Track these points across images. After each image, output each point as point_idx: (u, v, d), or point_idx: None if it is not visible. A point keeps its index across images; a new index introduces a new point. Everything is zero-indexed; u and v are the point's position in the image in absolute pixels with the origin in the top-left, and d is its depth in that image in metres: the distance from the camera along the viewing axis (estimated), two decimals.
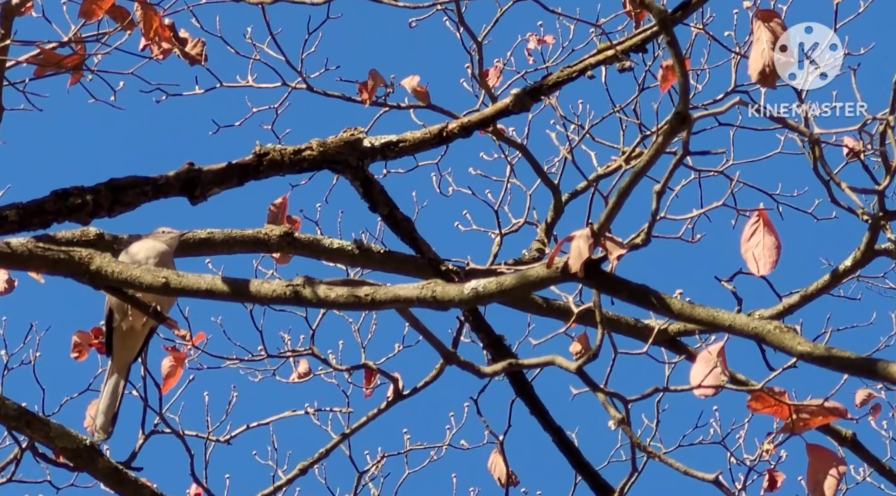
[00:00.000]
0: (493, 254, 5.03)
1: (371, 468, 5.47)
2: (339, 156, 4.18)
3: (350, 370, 5.14)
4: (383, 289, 3.36)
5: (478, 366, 3.59)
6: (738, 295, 3.77)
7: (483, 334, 4.28)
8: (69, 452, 4.48)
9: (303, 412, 5.26)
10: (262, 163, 4.17)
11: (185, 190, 4.08)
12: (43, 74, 3.98)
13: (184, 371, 4.73)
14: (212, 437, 5.18)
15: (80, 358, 4.59)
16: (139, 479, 4.59)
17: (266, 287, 3.42)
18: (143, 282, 3.40)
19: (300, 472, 5.05)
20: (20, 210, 3.88)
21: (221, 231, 4.45)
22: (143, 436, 4.76)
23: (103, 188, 3.99)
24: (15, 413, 4.42)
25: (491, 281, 3.28)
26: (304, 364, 5.26)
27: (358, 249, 4.53)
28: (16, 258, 3.29)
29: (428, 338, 3.58)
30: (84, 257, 3.39)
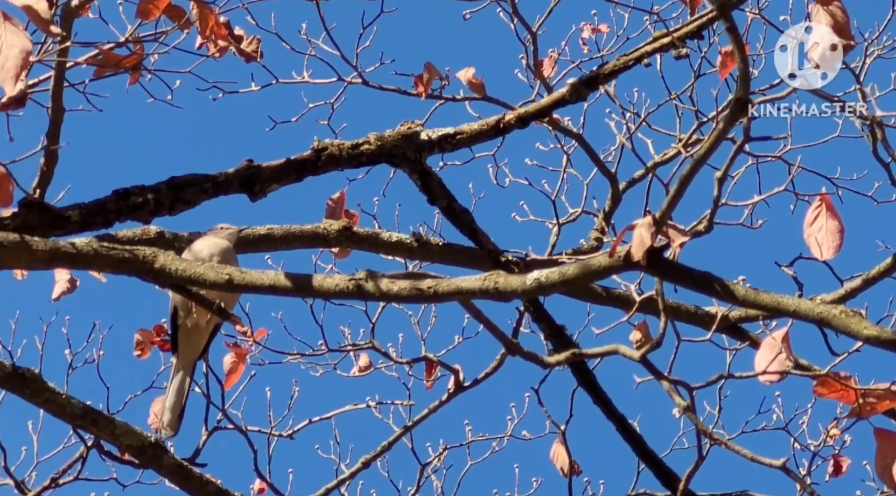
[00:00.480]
0: (550, 245, 5.02)
1: (433, 460, 5.47)
2: (396, 149, 4.19)
3: (411, 363, 5.15)
4: (446, 282, 3.36)
5: (540, 357, 3.59)
6: (799, 280, 3.75)
7: (544, 324, 4.28)
8: (134, 450, 4.52)
9: (364, 405, 5.27)
10: (320, 158, 4.18)
11: (245, 186, 4.10)
12: (102, 75, 4.00)
13: (246, 367, 4.75)
14: (274, 432, 5.20)
15: (143, 356, 4.61)
16: (204, 475, 4.62)
17: (329, 282, 3.43)
18: (206, 280, 3.42)
19: (363, 466, 5.06)
20: (82, 210, 3.91)
21: (280, 227, 4.46)
22: (207, 433, 4.79)
23: (164, 187, 4.01)
24: (80, 411, 4.46)
25: (553, 271, 3.27)
26: (364, 357, 5.27)
27: (416, 242, 4.53)
28: (81, 258, 3.31)
29: (490, 329, 3.58)
30: (148, 256, 3.41)
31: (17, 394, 4.41)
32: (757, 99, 3.40)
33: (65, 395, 4.43)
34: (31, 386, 4.37)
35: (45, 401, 4.41)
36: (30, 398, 4.40)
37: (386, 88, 4.96)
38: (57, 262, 3.36)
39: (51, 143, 3.88)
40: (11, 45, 3.33)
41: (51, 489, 4.92)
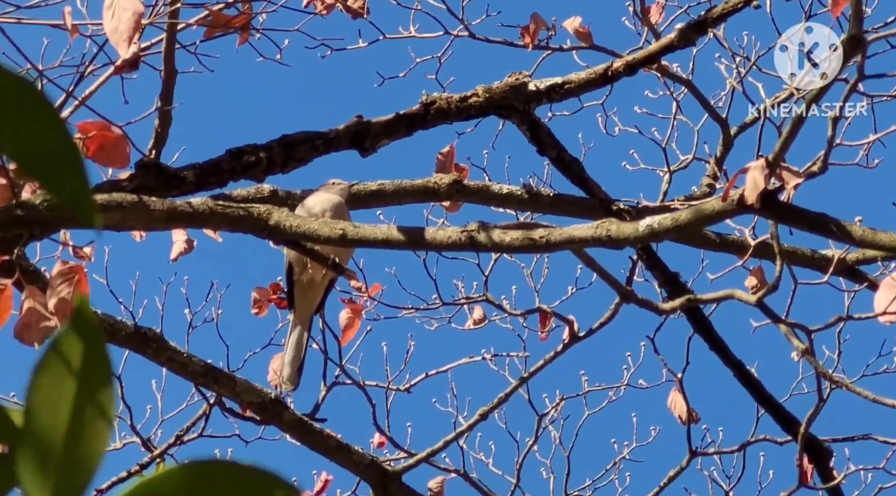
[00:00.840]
0: (662, 193, 4.99)
1: (550, 411, 5.48)
2: (505, 101, 4.19)
3: (525, 314, 5.15)
4: (558, 231, 3.35)
5: (655, 304, 3.57)
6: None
7: (658, 272, 4.26)
8: (255, 406, 4.58)
9: (480, 358, 5.29)
10: (429, 112, 4.19)
11: (355, 142, 4.13)
12: (212, 36, 4.04)
13: (361, 322, 4.79)
14: (392, 387, 5.24)
15: (260, 313, 4.67)
16: (324, 430, 4.68)
17: (441, 234, 3.44)
18: (321, 235, 3.44)
19: (480, 418, 5.08)
20: (197, 170, 3.97)
21: (391, 182, 4.48)
22: (325, 388, 4.84)
23: (276, 145, 4.05)
24: (202, 370, 4.53)
25: (666, 217, 3.25)
26: (478, 310, 5.28)
27: (527, 194, 4.53)
28: (197, 216, 3.35)
29: (604, 277, 3.57)
30: (263, 213, 3.45)
31: (141, 353, 4.49)
32: (870, 37, 3.34)
33: (186, 354, 4.50)
34: (153, 345, 4.45)
35: (167, 360, 4.49)
36: (153, 357, 4.48)
37: (492, 41, 4.95)
38: (174, 222, 3.41)
39: (164, 105, 3.93)
40: (124, 7, 3.38)
41: (176, 446, 5.00)
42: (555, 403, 5.50)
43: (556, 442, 5.60)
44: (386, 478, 4.77)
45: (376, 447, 5.32)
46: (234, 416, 4.85)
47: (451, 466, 5.24)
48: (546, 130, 4.23)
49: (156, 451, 4.98)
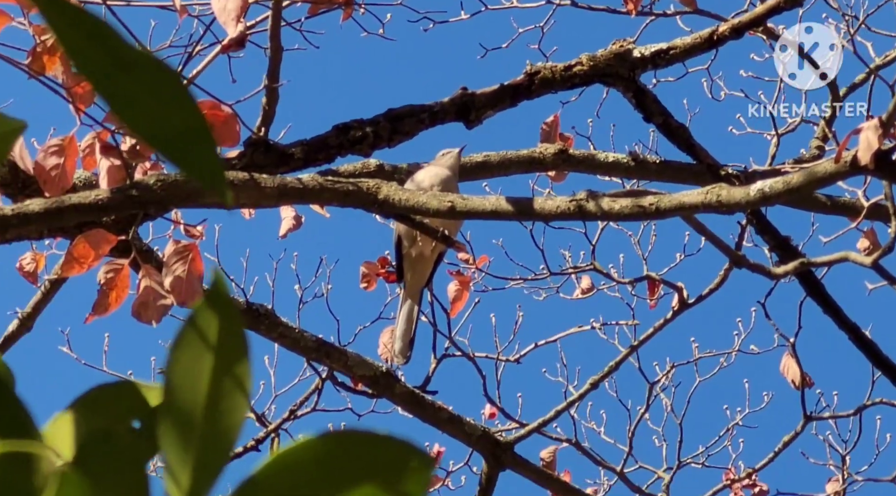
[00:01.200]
0: (770, 156, 4.94)
1: (661, 378, 5.46)
2: (609, 69, 4.17)
3: (633, 282, 5.14)
4: (667, 198, 3.33)
5: (767, 268, 3.54)
6: None
7: (768, 237, 4.22)
8: (367, 379, 4.61)
9: (589, 327, 5.28)
10: (533, 82, 4.18)
11: (461, 115, 4.13)
12: (316, 12, 4.06)
13: (469, 294, 4.81)
14: (501, 358, 5.25)
15: (369, 288, 4.69)
16: (435, 402, 4.70)
17: (549, 204, 3.44)
18: (429, 208, 3.45)
19: (591, 387, 5.08)
20: (305, 146, 3.99)
21: (496, 153, 4.48)
22: (436, 360, 4.86)
23: (382, 119, 4.07)
24: (314, 345, 4.57)
25: (777, 180, 3.22)
26: (586, 279, 5.27)
27: (633, 161, 4.50)
28: (308, 192, 3.38)
29: (715, 243, 3.54)
30: (372, 187, 3.47)
31: (253, 330, 4.54)
32: None
33: (298, 330, 4.54)
34: (265, 322, 4.50)
35: (279, 336, 4.53)
36: (265, 334, 4.52)
37: (595, 8, 4.92)
38: (285, 198, 3.44)
39: (271, 82, 3.96)
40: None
41: (290, 421, 5.06)
42: (666, 371, 5.48)
43: (668, 409, 5.58)
44: (498, 448, 4.78)
45: (487, 418, 5.34)
46: (347, 390, 4.89)
47: (562, 436, 5.24)
48: (652, 97, 4.20)
49: (270, 426, 5.03)
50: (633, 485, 5.29)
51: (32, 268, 4.32)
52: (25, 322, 4.54)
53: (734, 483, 5.46)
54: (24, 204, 3.21)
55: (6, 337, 4.54)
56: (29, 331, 4.55)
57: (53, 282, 4.46)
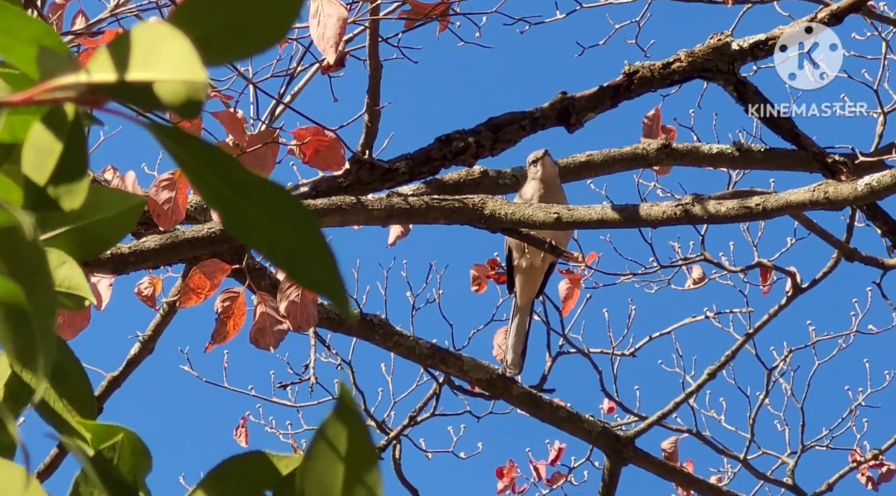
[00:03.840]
0: (877, 135, 4.89)
1: (779, 364, 5.44)
2: (708, 63, 4.15)
3: (744, 270, 5.12)
4: (774, 197, 3.33)
5: (881, 260, 3.52)
6: None
7: (879, 222, 4.18)
8: (484, 383, 4.65)
9: (703, 317, 5.27)
10: (632, 82, 4.18)
11: (561, 119, 4.14)
12: (413, 26, 4.09)
13: (581, 291, 4.82)
14: (616, 352, 5.26)
15: (480, 290, 4.72)
16: (553, 401, 4.72)
17: (655, 210, 3.44)
18: (536, 220, 3.48)
19: (708, 377, 5.07)
20: (409, 161, 4.03)
21: (600, 152, 4.48)
22: (551, 359, 4.89)
23: (483, 128, 4.09)
24: (428, 351, 4.62)
25: (885, 174, 3.20)
26: (697, 270, 5.26)
27: (738, 151, 4.48)
28: (415, 213, 3.42)
29: (825, 237, 3.53)
30: (477, 203, 3.50)
31: (368, 340, 4.59)
32: None
33: (412, 337, 4.59)
34: (379, 331, 4.55)
35: (394, 344, 4.58)
36: (380, 343, 4.57)
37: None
38: (393, 219, 3.48)
39: (372, 102, 4.00)
40: (329, 14, 3.45)
41: (410, 427, 5.11)
42: (783, 356, 5.45)
43: (788, 394, 5.55)
44: (619, 443, 4.79)
45: (606, 413, 5.35)
46: (464, 393, 4.93)
47: (683, 426, 5.24)
48: (753, 89, 4.18)
49: (392, 433, 5.09)
50: (757, 472, 5.28)
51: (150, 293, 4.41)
52: (147, 344, 4.63)
53: (861, 464, 5.42)
54: (141, 242, 3.28)
55: (129, 360, 4.64)
56: (150, 354, 4.65)
57: (171, 304, 4.55)
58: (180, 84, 0.90)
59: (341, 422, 0.97)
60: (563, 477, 5.53)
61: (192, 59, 0.90)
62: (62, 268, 1.21)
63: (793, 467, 5.32)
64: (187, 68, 0.90)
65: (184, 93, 0.91)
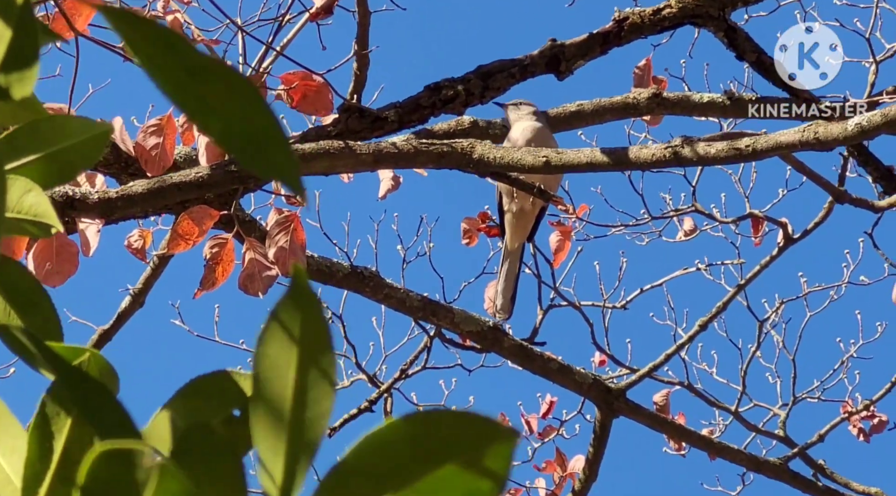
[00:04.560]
0: (869, 84, 4.87)
1: (771, 316, 5.43)
2: (698, 9, 4.14)
3: (736, 221, 5.10)
4: (763, 138, 3.31)
5: (871, 202, 3.51)
6: None
7: (871, 168, 4.18)
8: (475, 335, 4.65)
9: (694, 269, 5.26)
10: (622, 28, 4.16)
11: (551, 67, 4.13)
12: None
13: (571, 244, 4.81)
14: (608, 305, 5.25)
15: (471, 243, 4.71)
16: (544, 353, 4.72)
17: (645, 152, 3.43)
18: (525, 164, 3.47)
19: (700, 329, 5.07)
20: (398, 109, 4.02)
21: (590, 102, 4.47)
22: (542, 312, 4.88)
23: (472, 76, 4.08)
24: (419, 304, 4.61)
25: (875, 114, 3.18)
26: (688, 221, 5.25)
27: (729, 100, 4.47)
28: (403, 156, 3.41)
29: (815, 179, 3.52)
30: (466, 147, 3.48)
31: (359, 292, 4.59)
32: None
33: (403, 290, 4.59)
34: (370, 284, 4.54)
35: (385, 297, 4.58)
36: (371, 296, 4.57)
37: None
38: (381, 163, 3.47)
39: (361, 48, 3.98)
40: None
41: (401, 380, 5.11)
42: (775, 307, 5.44)
43: (780, 346, 5.55)
44: (610, 395, 4.79)
45: (598, 366, 5.35)
46: (455, 347, 4.93)
47: (674, 379, 5.24)
48: (744, 35, 4.17)
49: (382, 386, 5.09)
50: (749, 424, 5.28)
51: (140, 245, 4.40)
52: (137, 298, 4.63)
53: (852, 415, 5.42)
54: (128, 186, 3.27)
55: (119, 314, 4.63)
56: (141, 307, 4.64)
57: (161, 257, 4.54)
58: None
59: (295, 305, 0.96)
60: (555, 430, 5.53)
61: None
62: (28, 196, 1.20)
63: (784, 419, 5.32)
64: None
65: None
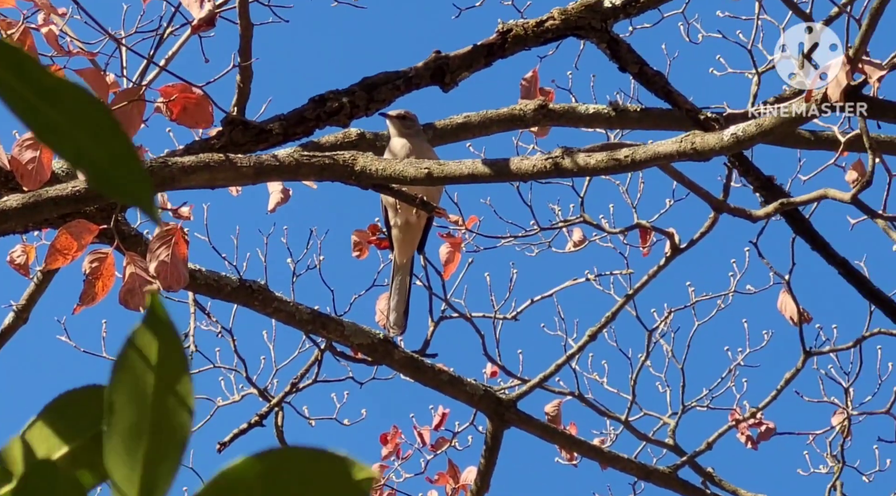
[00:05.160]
0: (752, 95, 4.93)
1: (659, 325, 5.47)
2: (581, 21, 4.16)
3: (624, 231, 5.14)
4: (642, 149, 3.34)
5: (749, 211, 3.55)
6: None
7: (752, 177, 4.22)
8: (365, 348, 4.63)
9: (584, 279, 5.29)
10: (506, 40, 4.18)
11: (436, 78, 4.13)
12: None
13: (462, 255, 4.81)
14: (498, 316, 5.26)
15: (361, 256, 4.70)
16: (435, 365, 4.72)
17: (526, 163, 3.44)
18: (407, 176, 3.46)
19: (590, 339, 5.09)
20: (283, 121, 4.00)
21: (477, 113, 4.48)
22: (433, 324, 4.88)
23: (357, 88, 4.07)
24: (309, 317, 4.59)
25: (750, 124, 3.22)
26: (577, 232, 5.28)
27: (614, 111, 4.51)
28: (285, 169, 3.39)
29: (695, 190, 3.55)
30: (348, 159, 3.47)
31: (248, 306, 4.55)
32: None
33: (292, 303, 4.56)
34: (259, 297, 4.51)
35: (274, 310, 4.55)
36: (260, 309, 4.54)
37: None
38: (263, 176, 3.45)
39: (243, 60, 3.95)
40: None
41: (292, 394, 5.08)
42: (663, 317, 5.49)
43: (669, 355, 5.60)
44: (501, 406, 4.80)
45: (489, 377, 5.36)
46: (346, 359, 4.91)
47: (565, 389, 5.27)
48: (626, 47, 4.20)
49: (273, 400, 5.05)
50: (639, 433, 5.32)
51: (23, 261, 4.34)
52: (21, 314, 4.56)
53: (740, 423, 5.48)
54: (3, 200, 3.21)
55: (2, 330, 4.55)
56: (25, 323, 4.57)
57: (45, 272, 4.47)
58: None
59: (151, 332, 0.94)
60: (448, 442, 5.53)
61: None
62: None
63: (674, 427, 5.36)
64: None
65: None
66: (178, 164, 3.27)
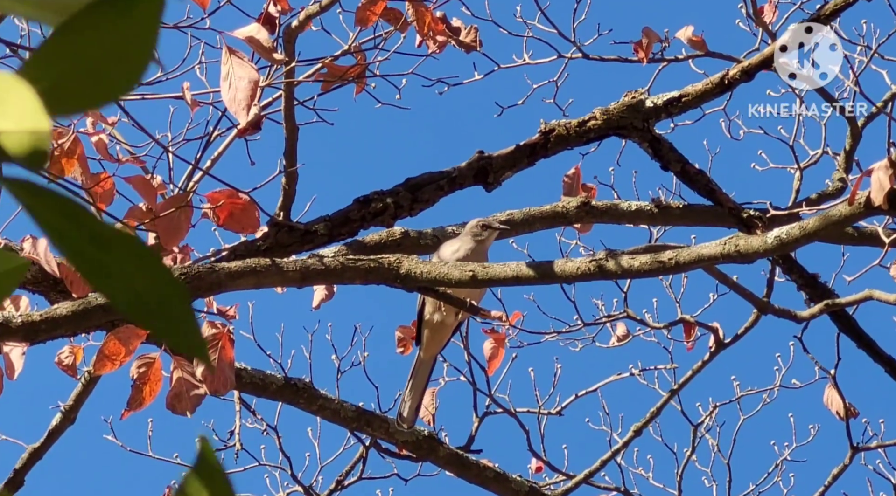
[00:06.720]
0: (794, 190, 4.94)
1: (705, 419, 5.45)
2: (623, 121, 4.19)
3: (668, 326, 5.13)
4: (686, 251, 3.34)
5: (794, 313, 3.54)
6: None
7: (796, 275, 4.22)
8: (410, 445, 4.63)
9: (628, 374, 5.28)
10: (549, 140, 4.21)
11: (479, 178, 4.16)
12: (329, 89, 4.10)
13: (505, 351, 4.82)
14: (543, 411, 5.25)
15: (406, 352, 4.71)
16: (480, 461, 4.71)
17: (570, 266, 3.45)
18: (451, 279, 3.48)
19: (635, 434, 5.07)
20: (328, 222, 4.03)
21: (520, 211, 4.49)
22: (478, 419, 4.88)
23: (401, 189, 4.10)
24: (354, 414, 4.59)
25: (794, 227, 3.23)
26: (621, 327, 5.27)
27: (657, 208, 4.52)
28: (330, 273, 3.41)
29: (739, 291, 3.55)
30: (393, 263, 3.49)
31: (293, 404, 4.57)
32: None
33: (337, 400, 4.57)
34: (304, 395, 4.52)
35: (319, 408, 4.56)
36: (305, 407, 4.55)
37: (606, 59, 4.93)
38: (309, 281, 3.47)
39: (289, 164, 4.00)
40: (240, 76, 3.45)
41: (338, 491, 5.07)
42: (709, 411, 5.46)
43: (715, 449, 5.56)
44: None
45: (534, 473, 5.33)
46: (391, 456, 4.90)
47: (610, 484, 5.24)
48: (668, 145, 4.22)
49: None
50: None
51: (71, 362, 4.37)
52: (68, 414, 4.58)
53: None
54: (52, 309, 3.25)
55: (50, 431, 4.58)
56: (72, 424, 4.59)
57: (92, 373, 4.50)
58: (25, 134, 0.90)
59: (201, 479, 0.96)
60: None
61: (36, 108, 0.89)
62: None
63: None
64: (32, 118, 0.89)
65: (29, 143, 0.90)
66: (224, 269, 3.30)
